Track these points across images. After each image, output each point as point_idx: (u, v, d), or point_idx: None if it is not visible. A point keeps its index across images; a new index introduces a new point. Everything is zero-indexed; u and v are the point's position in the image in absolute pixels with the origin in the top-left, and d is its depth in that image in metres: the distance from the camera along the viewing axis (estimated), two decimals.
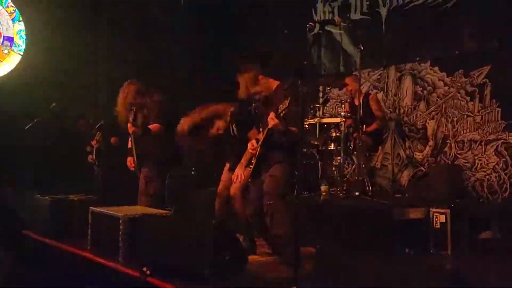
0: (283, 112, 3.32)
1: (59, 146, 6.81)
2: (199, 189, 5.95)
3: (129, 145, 4.98)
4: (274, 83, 3.81)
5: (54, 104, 6.32)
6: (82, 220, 4.56)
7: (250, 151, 3.89)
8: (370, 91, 6.46)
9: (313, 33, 3.12)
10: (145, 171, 4.83)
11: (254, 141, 3.86)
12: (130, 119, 4.78)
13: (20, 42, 7.52)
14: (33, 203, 5.02)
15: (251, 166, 4.16)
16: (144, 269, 3.37)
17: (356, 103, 5.59)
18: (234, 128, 4.33)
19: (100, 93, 7.43)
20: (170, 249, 3.33)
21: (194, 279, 3.12)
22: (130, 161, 4.97)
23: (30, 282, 4.03)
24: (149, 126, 4.72)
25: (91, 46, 7.47)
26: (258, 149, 3.75)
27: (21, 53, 7.49)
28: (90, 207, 4.29)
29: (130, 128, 4.71)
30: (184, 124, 4.44)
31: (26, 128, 6.24)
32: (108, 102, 5.86)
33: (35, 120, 6.24)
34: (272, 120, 3.41)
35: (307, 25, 3.05)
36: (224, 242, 3.27)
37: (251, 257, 4.00)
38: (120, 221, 3.75)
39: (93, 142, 6.43)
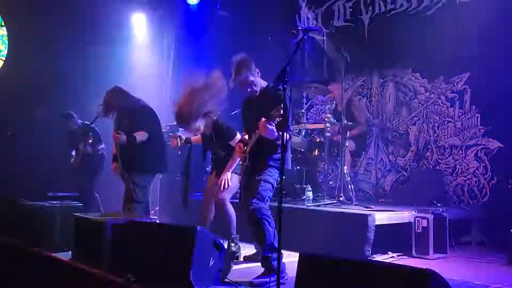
0: (277, 119, 3.20)
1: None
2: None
3: (114, 151, 4.94)
4: (262, 83, 3.73)
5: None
6: (65, 226, 4.53)
7: (239, 155, 3.79)
8: (353, 98, 6.54)
9: (296, 40, 3.12)
10: (130, 177, 4.78)
11: (241, 144, 3.77)
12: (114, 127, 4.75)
13: (2, 48, 7.44)
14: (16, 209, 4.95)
15: (237, 172, 4.14)
16: (129, 275, 3.35)
17: (340, 109, 5.65)
18: (214, 135, 4.29)
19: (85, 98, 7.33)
20: (154, 255, 3.33)
21: (178, 286, 3.11)
22: (115, 167, 4.93)
23: None
24: (134, 134, 4.68)
25: (74, 52, 7.39)
26: (248, 154, 3.66)
27: (3, 58, 7.42)
28: (73, 214, 4.26)
29: (114, 136, 4.66)
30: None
31: (9, 134, 6.18)
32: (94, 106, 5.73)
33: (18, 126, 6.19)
34: (263, 127, 3.29)
35: (290, 33, 3.08)
36: (208, 248, 3.27)
37: (237, 263, 4.03)
38: (105, 227, 3.72)
39: (81, 146, 6.33)
